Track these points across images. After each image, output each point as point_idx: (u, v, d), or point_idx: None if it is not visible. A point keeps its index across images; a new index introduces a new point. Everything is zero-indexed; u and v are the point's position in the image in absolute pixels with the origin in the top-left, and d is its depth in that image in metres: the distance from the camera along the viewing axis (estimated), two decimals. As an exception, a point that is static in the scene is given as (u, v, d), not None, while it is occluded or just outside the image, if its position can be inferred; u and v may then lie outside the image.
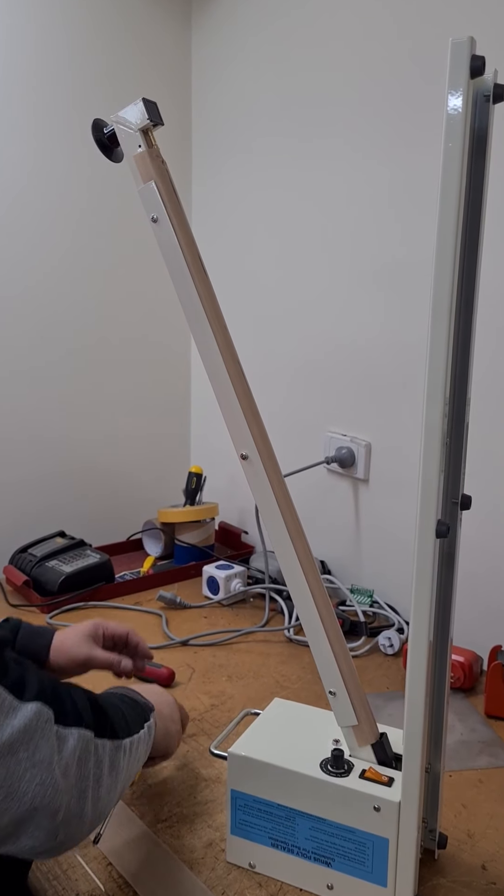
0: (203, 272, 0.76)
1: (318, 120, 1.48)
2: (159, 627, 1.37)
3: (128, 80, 1.71)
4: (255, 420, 0.76)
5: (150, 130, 0.75)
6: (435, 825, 0.81)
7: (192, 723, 1.07)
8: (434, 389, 0.63)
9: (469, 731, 1.06)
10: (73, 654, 0.92)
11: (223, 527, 1.82)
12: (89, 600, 1.46)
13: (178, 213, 0.75)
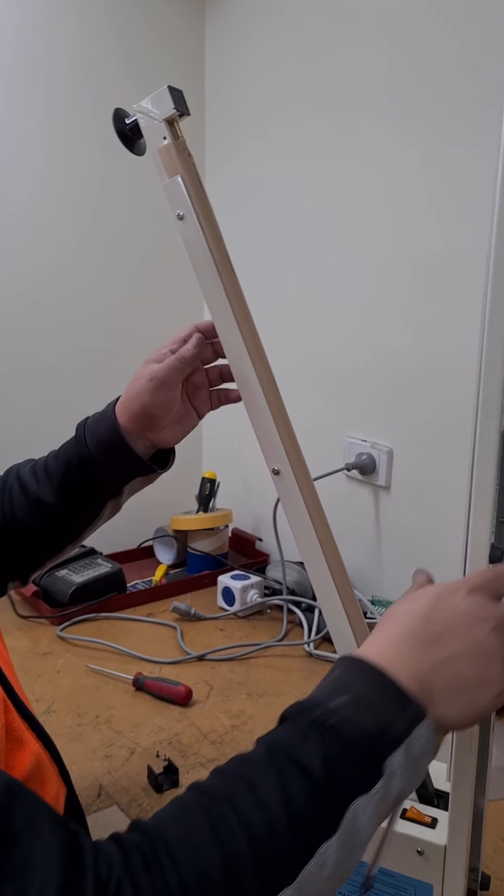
0: (232, 273, 0.71)
1: (344, 102, 1.42)
2: (174, 640, 1.32)
3: (140, 67, 1.66)
4: (287, 433, 0.71)
5: (175, 121, 0.70)
6: (477, 863, 0.76)
7: (211, 746, 1.02)
8: (489, 398, 0.57)
9: None
10: (141, 389, 0.73)
11: (237, 534, 1.77)
12: (100, 611, 1.41)
13: (205, 209, 0.70)
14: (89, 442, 0.75)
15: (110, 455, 0.75)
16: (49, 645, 1.29)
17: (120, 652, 1.26)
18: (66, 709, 1.09)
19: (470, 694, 0.47)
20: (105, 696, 1.14)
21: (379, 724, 0.43)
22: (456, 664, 0.47)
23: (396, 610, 0.51)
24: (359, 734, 0.42)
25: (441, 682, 0.46)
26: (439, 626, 0.48)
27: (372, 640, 0.50)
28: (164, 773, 0.93)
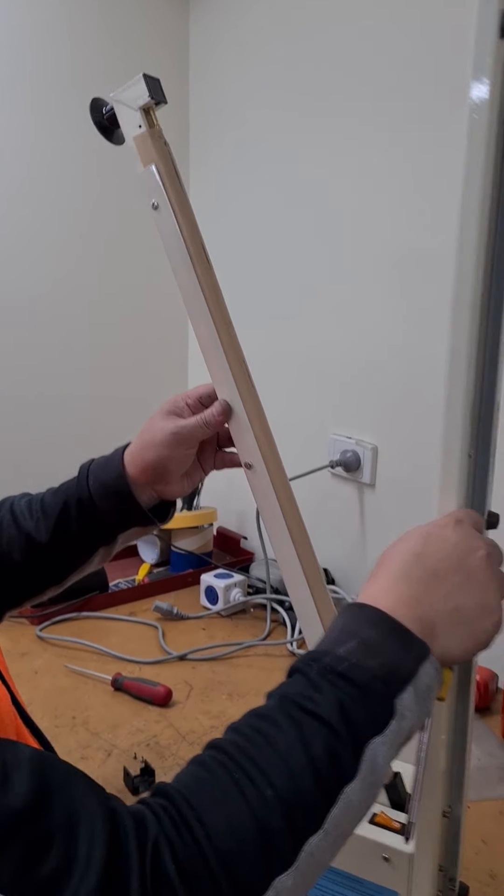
0: (207, 264, 0.69)
1: (327, 92, 1.41)
2: (155, 640, 1.30)
3: (124, 57, 1.63)
4: (261, 427, 0.69)
5: (151, 109, 0.68)
6: (455, 873, 0.73)
7: (190, 747, 1.00)
8: (455, 396, 0.56)
9: (487, 756, 1.00)
10: (156, 445, 0.71)
11: (221, 532, 1.75)
12: (82, 610, 1.39)
13: (180, 199, 0.68)
14: (91, 485, 0.73)
15: (112, 502, 0.72)
16: (28, 645, 1.27)
17: (100, 652, 1.24)
18: (43, 710, 1.07)
19: (471, 624, 0.48)
20: (83, 696, 1.12)
21: (387, 666, 0.44)
22: (455, 596, 0.48)
23: (389, 552, 0.51)
24: (369, 678, 0.43)
25: (443, 616, 0.47)
26: (434, 560, 0.49)
27: (370, 584, 0.50)
28: (141, 775, 0.91)
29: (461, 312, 0.53)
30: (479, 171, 0.50)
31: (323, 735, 0.41)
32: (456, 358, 0.54)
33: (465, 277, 0.52)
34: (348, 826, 0.42)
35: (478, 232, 0.51)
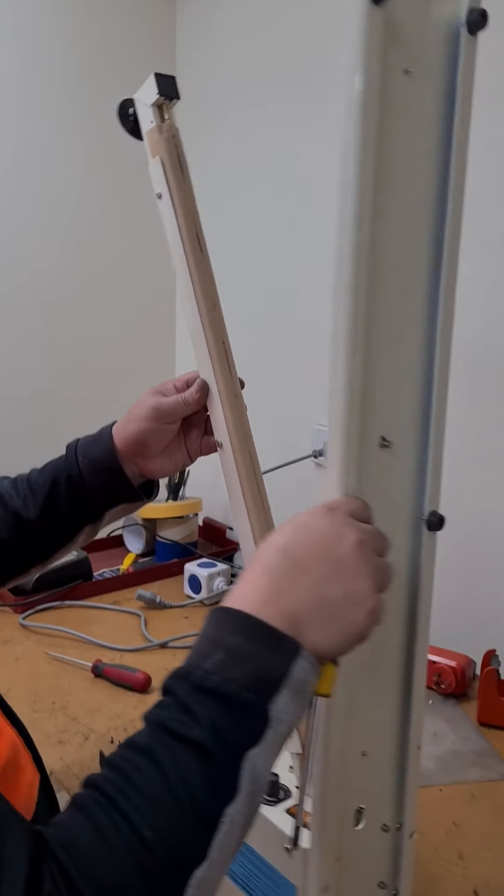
0: (201, 254, 0.71)
1: (318, 77, 1.41)
2: (138, 628, 1.31)
3: (108, 45, 1.64)
4: (232, 407, 0.70)
5: (164, 105, 0.70)
6: (402, 891, 0.68)
7: (167, 732, 1.00)
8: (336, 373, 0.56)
9: (461, 741, 1.01)
10: (141, 420, 0.74)
11: (207, 523, 1.76)
12: (65, 599, 1.40)
13: (180, 190, 0.69)
14: (81, 462, 0.74)
15: (101, 477, 0.74)
16: (10, 633, 1.28)
17: (81, 639, 1.25)
18: (23, 695, 1.08)
19: (342, 615, 0.45)
20: (63, 683, 1.12)
21: (256, 673, 0.42)
22: (322, 588, 0.45)
23: (261, 547, 0.49)
24: (239, 689, 0.42)
25: (309, 609, 0.45)
26: (299, 551, 0.46)
27: (238, 584, 0.48)
28: (116, 758, 0.91)
29: (339, 291, 0.53)
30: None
31: (198, 761, 0.40)
32: (335, 336, 0.53)
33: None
34: (235, 844, 0.41)
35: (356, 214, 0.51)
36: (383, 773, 0.64)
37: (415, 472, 0.59)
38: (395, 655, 0.63)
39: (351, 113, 0.49)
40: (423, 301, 0.56)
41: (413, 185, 0.54)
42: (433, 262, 0.56)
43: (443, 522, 0.60)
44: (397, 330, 0.56)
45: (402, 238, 0.54)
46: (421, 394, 0.58)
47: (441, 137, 0.54)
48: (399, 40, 0.50)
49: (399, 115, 0.52)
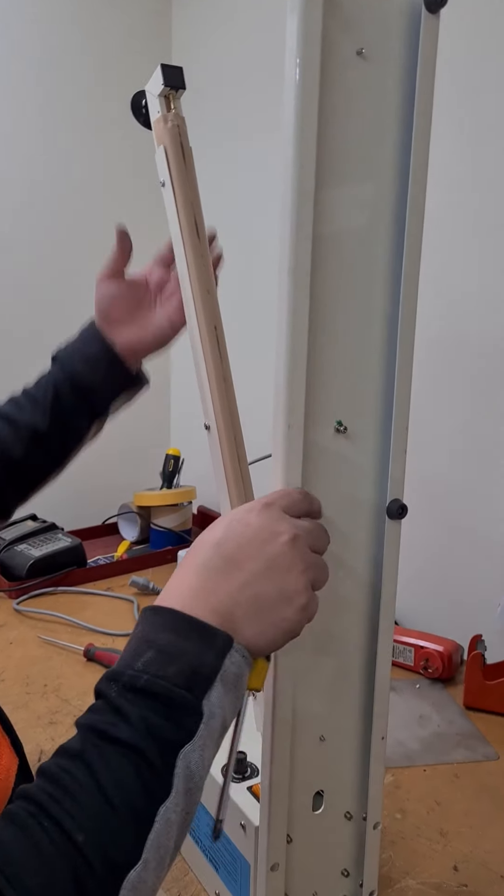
0: (197, 239, 0.72)
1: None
2: (130, 614, 1.32)
3: (104, 34, 1.64)
4: (220, 392, 0.71)
5: (171, 95, 0.71)
6: (366, 880, 0.68)
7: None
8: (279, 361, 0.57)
9: (447, 723, 1.02)
10: (118, 299, 0.80)
11: (202, 511, 1.77)
12: (59, 585, 1.41)
13: (181, 178, 0.71)
14: (77, 361, 0.78)
15: (100, 371, 0.78)
16: (4, 618, 1.29)
17: (74, 624, 1.26)
18: (15, 678, 1.09)
19: (273, 612, 0.46)
20: (55, 666, 1.14)
21: (188, 669, 0.42)
22: (254, 584, 0.46)
23: (193, 544, 0.49)
24: (170, 687, 0.41)
25: (242, 605, 0.45)
26: (232, 547, 0.46)
27: (170, 581, 0.48)
28: (106, 738, 0.93)
29: (281, 274, 0.53)
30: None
31: (130, 761, 0.40)
32: (279, 317, 0.53)
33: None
34: (173, 843, 0.41)
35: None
36: (344, 760, 0.65)
37: (377, 459, 0.60)
38: (358, 644, 0.64)
39: (289, 100, 0.49)
40: (383, 284, 0.57)
41: (371, 168, 0.54)
42: (394, 245, 0.56)
43: (404, 511, 0.61)
44: (353, 312, 0.56)
45: (356, 219, 0.54)
46: (381, 378, 0.59)
47: (402, 119, 0.54)
48: (346, 18, 0.50)
49: (353, 99, 0.52)
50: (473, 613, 1.20)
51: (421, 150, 0.55)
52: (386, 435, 0.59)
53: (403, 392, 0.59)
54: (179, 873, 0.75)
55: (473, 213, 1.14)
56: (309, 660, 0.61)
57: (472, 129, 1.12)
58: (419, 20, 0.53)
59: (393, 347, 0.58)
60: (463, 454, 1.19)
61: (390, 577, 0.62)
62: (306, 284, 0.52)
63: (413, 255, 0.56)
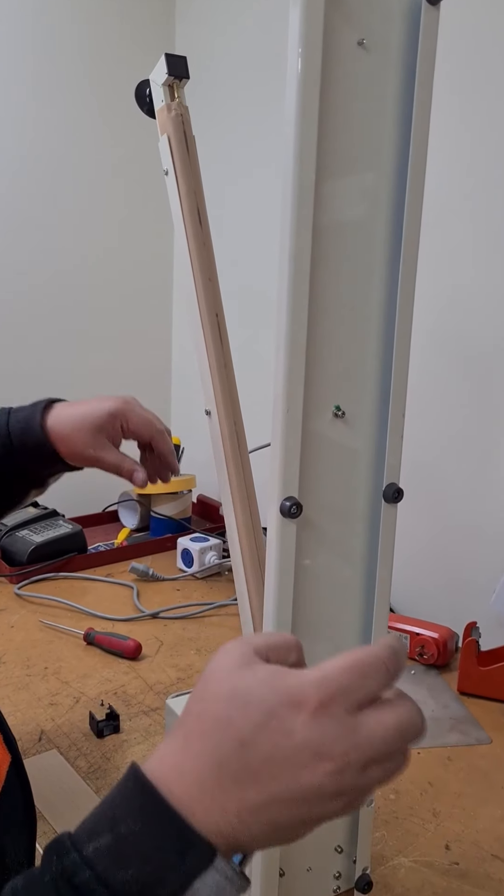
0: (199, 227, 0.73)
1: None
2: (130, 600, 1.34)
3: (106, 25, 1.64)
4: (221, 379, 0.72)
5: (175, 85, 0.72)
6: (359, 857, 0.70)
7: (156, 696, 1.04)
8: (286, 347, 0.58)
9: (441, 708, 1.04)
10: (78, 450, 0.77)
11: (201, 499, 1.79)
12: (60, 571, 1.43)
13: (184, 167, 0.72)
14: (16, 444, 0.76)
15: (39, 459, 0.77)
16: (5, 602, 1.31)
17: (74, 609, 1.28)
18: (16, 660, 1.11)
19: (286, 833, 0.36)
20: (56, 649, 1.15)
21: (146, 879, 0.33)
22: (273, 811, 0.35)
23: (210, 709, 0.36)
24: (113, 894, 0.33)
25: (249, 827, 0.35)
26: (260, 759, 0.35)
27: (173, 747, 0.37)
28: (106, 719, 0.95)
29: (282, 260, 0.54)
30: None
31: None
32: (278, 301, 0.55)
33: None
34: None
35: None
36: None
37: (374, 443, 0.61)
38: (354, 630, 0.65)
39: (291, 90, 0.50)
40: (381, 271, 0.58)
41: (370, 158, 0.55)
42: (393, 234, 0.58)
43: (401, 495, 0.62)
44: (352, 298, 0.57)
45: (356, 208, 0.55)
46: (379, 364, 0.60)
47: (402, 110, 0.55)
48: (348, 9, 0.51)
49: (353, 89, 0.53)
50: (467, 600, 1.21)
51: (420, 141, 0.56)
52: (383, 419, 0.61)
53: (400, 377, 0.60)
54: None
55: (469, 204, 1.15)
56: (306, 644, 0.62)
57: (470, 121, 1.13)
58: (419, 12, 0.54)
59: (390, 334, 0.59)
60: (458, 442, 1.21)
61: (386, 560, 0.64)
62: (306, 271, 0.54)
63: (411, 244, 0.57)
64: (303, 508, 0.57)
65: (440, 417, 1.22)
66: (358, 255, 0.57)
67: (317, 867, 0.69)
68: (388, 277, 0.59)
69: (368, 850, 0.71)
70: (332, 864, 0.70)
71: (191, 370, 1.83)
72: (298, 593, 0.60)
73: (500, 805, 0.84)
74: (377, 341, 0.59)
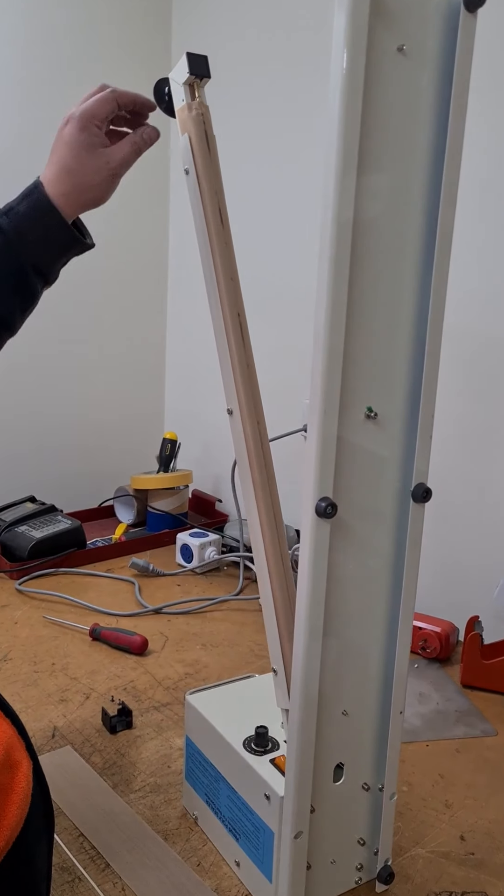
0: (222, 227, 0.73)
1: (318, 48, 1.43)
2: (132, 595, 1.34)
3: (103, 17, 1.63)
4: (244, 378, 0.73)
5: (195, 84, 0.72)
6: (381, 848, 0.72)
7: (165, 692, 1.04)
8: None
9: (445, 701, 1.06)
10: (94, 184, 0.72)
11: (197, 495, 1.79)
12: (60, 566, 1.42)
13: (206, 166, 0.71)
14: (40, 253, 0.73)
15: (58, 253, 0.74)
16: (7, 598, 1.31)
17: (78, 605, 1.28)
18: (23, 657, 1.11)
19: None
20: (62, 645, 1.16)
21: None
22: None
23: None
24: None
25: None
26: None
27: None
28: (119, 715, 0.95)
29: (322, 263, 0.55)
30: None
31: None
32: (318, 306, 0.56)
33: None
34: None
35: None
36: (364, 733, 0.68)
37: (403, 444, 0.63)
38: (380, 622, 0.66)
39: (335, 91, 0.51)
40: (413, 276, 0.59)
41: (407, 160, 0.57)
42: (426, 238, 0.59)
43: (429, 494, 0.64)
44: (386, 302, 0.58)
45: (389, 209, 0.57)
46: (409, 366, 0.61)
47: (439, 115, 0.57)
48: (390, 16, 0.52)
49: (392, 93, 0.54)
50: (466, 595, 1.23)
51: (455, 144, 0.57)
52: (413, 420, 0.62)
53: (431, 377, 0.61)
54: (198, 843, 0.77)
55: (476, 207, 1.16)
56: (335, 638, 0.63)
57: (490, 123, 1.14)
58: (457, 18, 0.55)
59: (422, 335, 0.60)
60: (459, 438, 1.22)
61: (413, 558, 0.65)
62: (346, 275, 0.55)
63: (444, 246, 0.59)
64: (337, 509, 0.58)
65: (439, 410, 1.23)
66: (391, 257, 0.58)
67: (340, 859, 0.70)
68: (420, 279, 0.60)
69: (390, 841, 0.72)
70: (354, 856, 0.71)
71: (185, 368, 1.83)
72: (328, 591, 0.61)
73: (509, 796, 0.86)
74: (408, 342, 0.61)
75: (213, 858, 0.76)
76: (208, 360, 1.77)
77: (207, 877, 0.73)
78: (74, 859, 0.74)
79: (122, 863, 0.74)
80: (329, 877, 0.70)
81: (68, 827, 0.78)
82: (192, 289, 1.77)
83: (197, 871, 0.74)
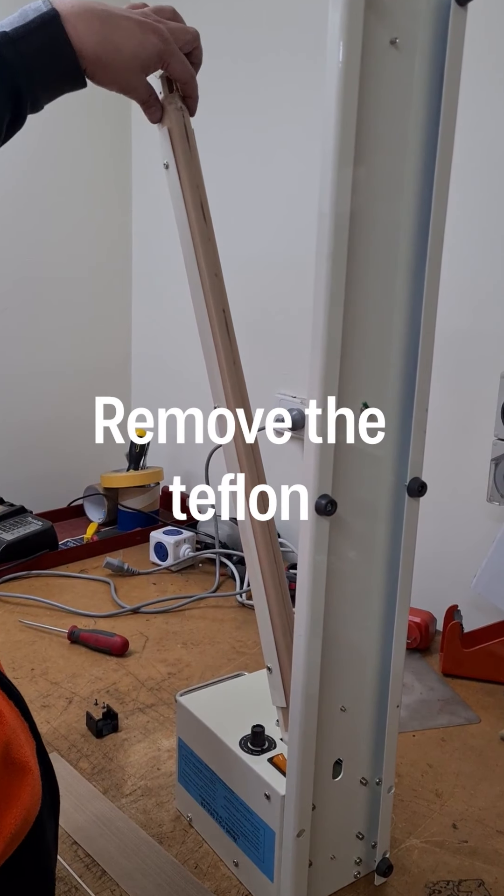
0: (204, 223, 0.72)
1: (316, 40, 1.42)
2: (108, 595, 1.32)
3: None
4: (230, 375, 0.72)
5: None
6: (379, 841, 0.72)
7: (149, 693, 1.03)
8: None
9: (428, 690, 1.07)
10: (117, 80, 0.64)
11: (167, 492, 1.77)
12: (32, 569, 1.40)
13: (186, 159, 0.70)
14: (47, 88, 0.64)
15: (57, 93, 0.65)
16: (-20, 603, 1.28)
17: (54, 607, 1.26)
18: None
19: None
20: (40, 649, 1.14)
21: None
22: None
23: None
24: None
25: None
26: None
27: None
28: (104, 718, 0.94)
29: (319, 266, 0.56)
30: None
31: None
32: (316, 303, 0.56)
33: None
34: None
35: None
36: (362, 728, 0.69)
37: (397, 438, 0.63)
38: (376, 616, 0.67)
39: (331, 84, 0.51)
40: (406, 269, 0.59)
41: (399, 154, 0.57)
42: (419, 234, 0.59)
43: (424, 489, 0.64)
44: (380, 296, 0.58)
45: (385, 206, 0.57)
46: (402, 361, 0.61)
47: (430, 108, 0.57)
48: (383, 10, 0.52)
49: (384, 85, 0.54)
50: (443, 584, 1.25)
51: (447, 137, 0.57)
52: (407, 415, 0.62)
53: (425, 372, 0.61)
54: (194, 845, 0.77)
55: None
56: (333, 634, 0.63)
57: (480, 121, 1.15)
58: (448, 13, 0.55)
59: (416, 330, 0.60)
60: (434, 429, 1.23)
61: (409, 551, 0.65)
62: (343, 270, 0.55)
63: (436, 240, 0.59)
64: (337, 505, 0.58)
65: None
66: (385, 249, 0.58)
67: (340, 855, 0.70)
68: (413, 274, 0.60)
69: (388, 834, 0.73)
70: (353, 850, 0.71)
71: (152, 360, 1.81)
72: (326, 587, 0.61)
73: (497, 782, 0.88)
74: (401, 336, 0.61)
75: (211, 860, 0.75)
76: (174, 359, 1.76)
77: (206, 879, 0.73)
78: (69, 868, 0.73)
79: (118, 869, 0.73)
80: (329, 872, 0.70)
81: (61, 835, 0.77)
82: (158, 290, 1.75)
83: (195, 874, 0.73)
